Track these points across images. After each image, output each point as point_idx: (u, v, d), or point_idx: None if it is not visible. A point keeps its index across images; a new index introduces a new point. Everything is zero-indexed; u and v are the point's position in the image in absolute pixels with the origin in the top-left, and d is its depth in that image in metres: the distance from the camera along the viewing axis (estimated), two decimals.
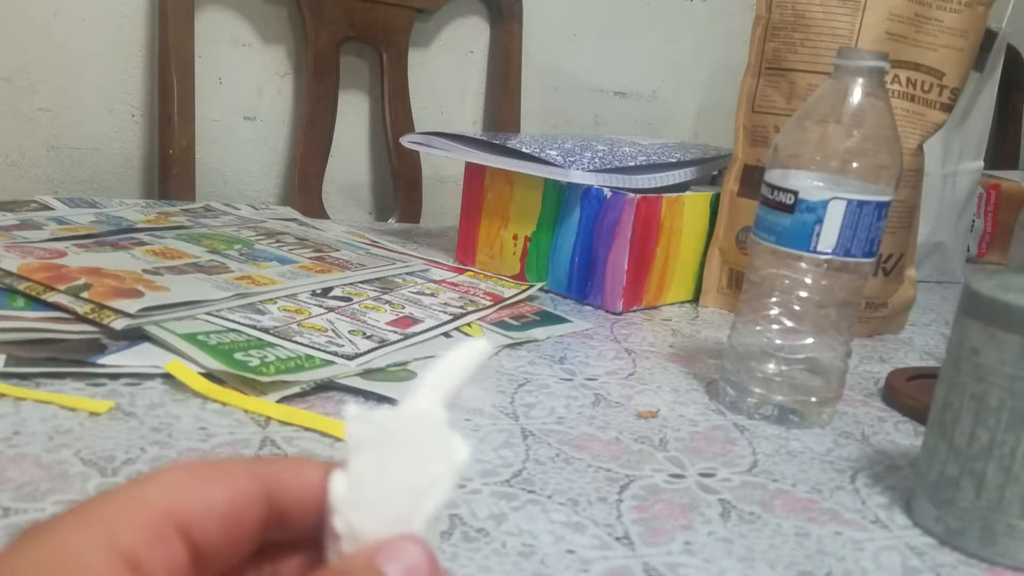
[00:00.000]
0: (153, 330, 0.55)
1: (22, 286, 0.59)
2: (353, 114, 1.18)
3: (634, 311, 0.78)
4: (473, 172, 0.86)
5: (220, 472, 0.23)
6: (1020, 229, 0.60)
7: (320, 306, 0.65)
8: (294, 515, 0.23)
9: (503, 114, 1.27)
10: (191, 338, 0.54)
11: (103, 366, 0.51)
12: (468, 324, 0.67)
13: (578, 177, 0.76)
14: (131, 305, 0.56)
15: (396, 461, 0.23)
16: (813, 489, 0.48)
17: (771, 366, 0.57)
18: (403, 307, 0.68)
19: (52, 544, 0.19)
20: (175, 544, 0.21)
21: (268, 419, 0.48)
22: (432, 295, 0.73)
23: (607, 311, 0.77)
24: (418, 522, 0.23)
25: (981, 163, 1.07)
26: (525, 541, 0.40)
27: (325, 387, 0.53)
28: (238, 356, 0.53)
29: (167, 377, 0.51)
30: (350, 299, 0.68)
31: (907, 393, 0.62)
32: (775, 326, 0.57)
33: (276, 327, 0.59)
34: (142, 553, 0.20)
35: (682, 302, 0.83)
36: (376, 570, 0.21)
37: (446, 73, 1.25)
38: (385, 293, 0.71)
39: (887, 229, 0.57)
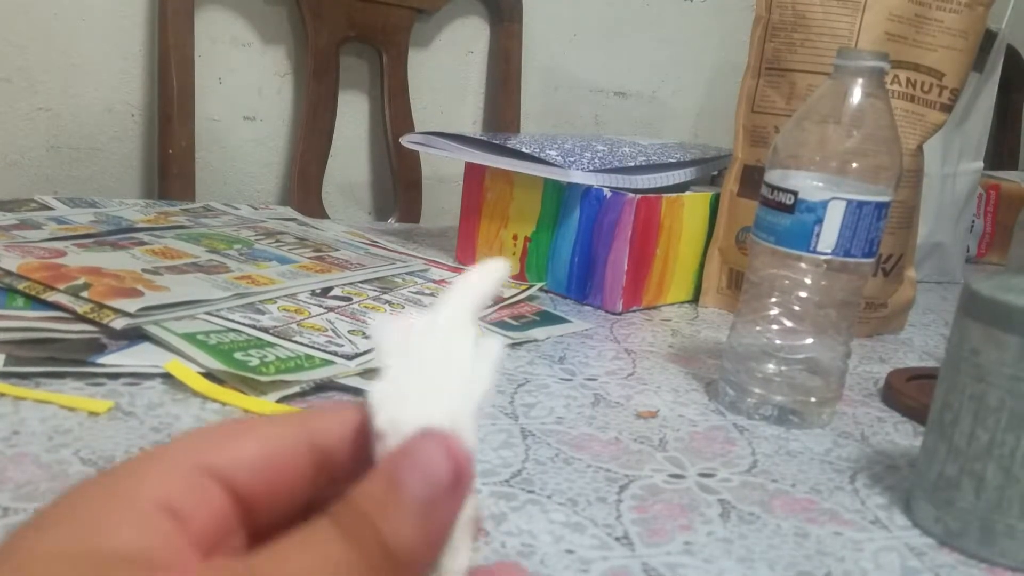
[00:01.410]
0: (153, 330, 0.55)
1: (22, 285, 0.59)
2: (353, 114, 1.18)
3: (634, 311, 0.78)
4: (473, 172, 0.86)
5: (248, 425, 0.22)
6: (1020, 229, 0.60)
7: (320, 306, 0.65)
8: (340, 458, 0.23)
9: (503, 114, 1.27)
10: (191, 338, 0.54)
11: (103, 366, 0.51)
12: None
13: (578, 177, 0.76)
14: (131, 304, 0.56)
15: (433, 361, 0.23)
16: (812, 489, 0.48)
17: (771, 366, 0.57)
18: (403, 307, 0.68)
19: (84, 505, 0.20)
20: (212, 489, 0.21)
21: None
22: (432, 295, 0.73)
23: (607, 311, 0.77)
24: (464, 419, 0.22)
25: (981, 163, 1.07)
26: (525, 541, 0.40)
27: (325, 387, 0.53)
28: (238, 356, 0.53)
29: (167, 377, 0.51)
30: (350, 299, 0.68)
31: (907, 393, 0.62)
32: (775, 326, 0.57)
33: (276, 327, 0.59)
34: (177, 499, 0.20)
35: (682, 302, 0.83)
36: (395, 483, 0.21)
37: (446, 73, 1.25)
38: (385, 293, 0.71)
39: (887, 229, 0.57)
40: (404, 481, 0.20)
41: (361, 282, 0.73)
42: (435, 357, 0.23)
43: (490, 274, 0.25)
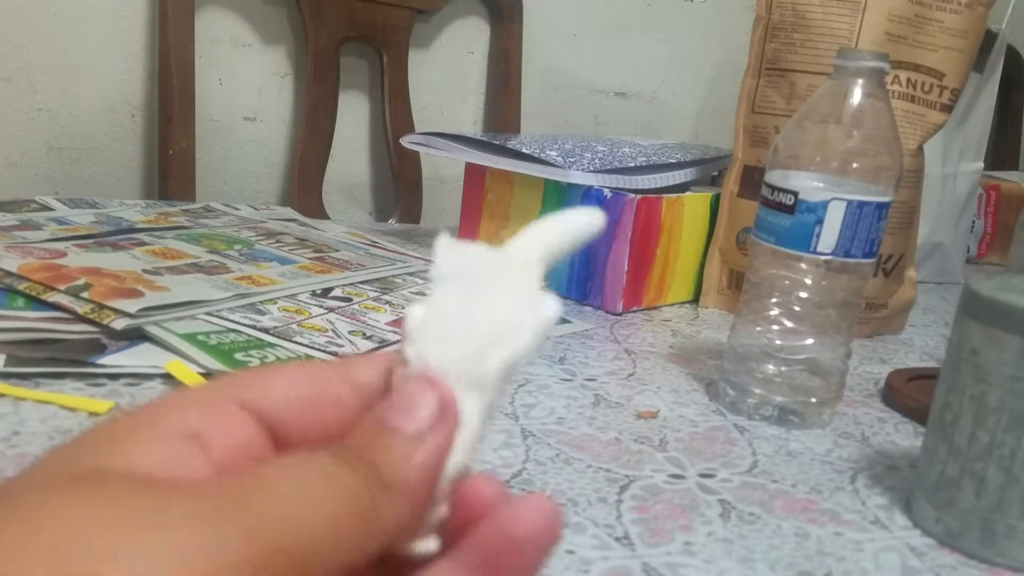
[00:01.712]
0: (153, 330, 0.55)
1: (22, 286, 0.59)
2: (353, 114, 1.18)
3: (634, 312, 0.78)
4: (473, 172, 0.86)
5: (287, 366, 0.23)
6: (1020, 230, 0.60)
7: (320, 306, 0.65)
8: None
9: (503, 114, 1.27)
10: (191, 338, 0.54)
11: (103, 366, 0.51)
12: None
13: (578, 178, 0.76)
14: (131, 305, 0.56)
15: (481, 297, 0.21)
16: (813, 490, 0.48)
17: (771, 367, 0.57)
18: (403, 307, 0.68)
19: (107, 432, 0.19)
20: (241, 419, 0.21)
21: None
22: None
23: (607, 311, 0.77)
24: (492, 365, 0.21)
25: (981, 164, 1.07)
26: None
27: None
28: (238, 356, 0.53)
29: (167, 377, 0.51)
30: (350, 299, 0.68)
31: (907, 394, 0.62)
32: (775, 327, 0.57)
33: (276, 327, 0.59)
34: (200, 425, 0.20)
35: (682, 303, 0.83)
36: (385, 426, 0.21)
37: (446, 73, 1.25)
38: (385, 293, 0.71)
39: (887, 230, 0.57)
40: (390, 420, 0.21)
41: (361, 283, 0.73)
42: (484, 293, 0.21)
43: (576, 220, 0.23)
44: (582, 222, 0.23)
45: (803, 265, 0.55)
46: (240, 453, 0.20)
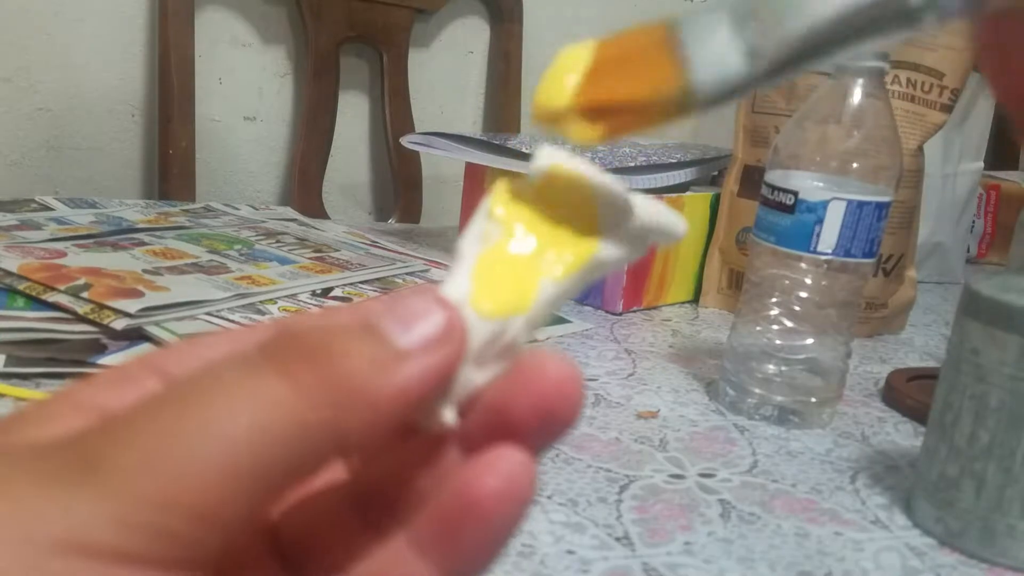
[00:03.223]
0: (153, 330, 0.55)
1: (22, 286, 0.59)
2: (353, 114, 1.18)
3: (634, 311, 0.78)
4: (473, 172, 0.86)
5: (206, 335, 0.21)
6: (1020, 230, 0.60)
7: (320, 306, 0.65)
8: None
9: (503, 114, 1.27)
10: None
11: (103, 366, 0.51)
12: None
13: None
14: (131, 305, 0.56)
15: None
16: (813, 489, 0.48)
17: (771, 366, 0.57)
18: None
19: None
20: (154, 386, 0.19)
21: None
22: None
23: (607, 311, 0.77)
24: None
25: (981, 164, 1.07)
26: (525, 541, 0.40)
27: None
28: None
29: None
30: (350, 299, 0.68)
31: (907, 393, 0.62)
32: (775, 326, 0.57)
33: None
34: (106, 399, 0.19)
35: (682, 302, 0.83)
36: (371, 328, 0.18)
37: (446, 73, 1.25)
38: (385, 293, 0.71)
39: (887, 230, 0.57)
40: (380, 323, 0.18)
41: (361, 282, 0.73)
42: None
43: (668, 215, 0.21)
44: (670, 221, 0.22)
45: (803, 265, 0.55)
46: None
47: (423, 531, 0.19)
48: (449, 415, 0.19)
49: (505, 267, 0.20)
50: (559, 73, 0.21)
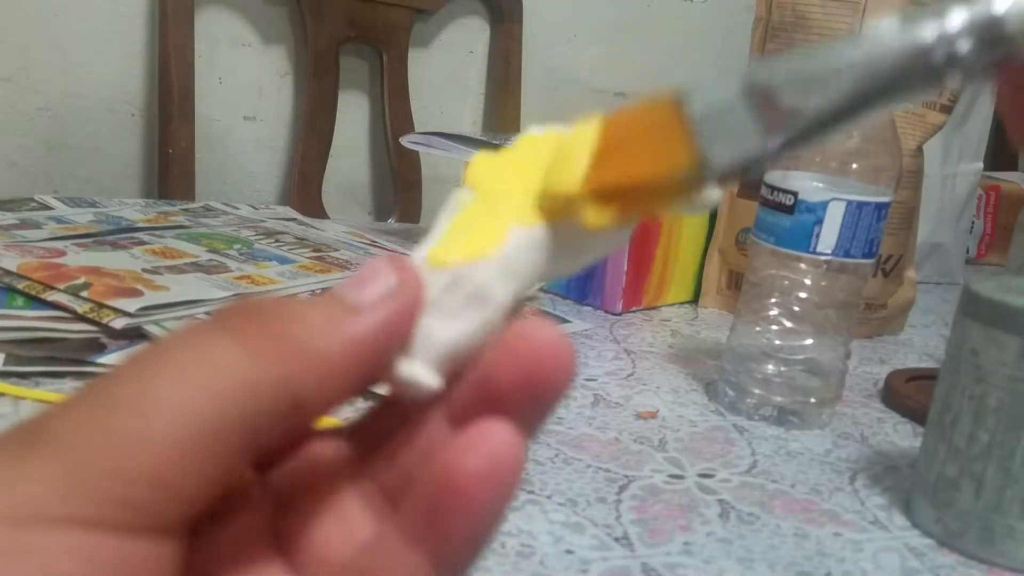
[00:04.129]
0: (152, 329, 0.55)
1: (21, 285, 0.59)
2: (353, 114, 1.18)
3: (633, 312, 0.78)
4: None
5: None
6: (1019, 230, 0.60)
7: None
8: None
9: (503, 114, 1.27)
10: None
11: (103, 365, 0.51)
12: None
13: None
14: (130, 304, 0.56)
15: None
16: (812, 490, 0.48)
17: (770, 367, 0.57)
18: None
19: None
20: None
21: None
22: None
23: (606, 312, 0.77)
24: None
25: (980, 164, 1.07)
26: (524, 541, 0.40)
27: None
28: None
29: None
30: None
31: (906, 394, 0.62)
32: (774, 327, 0.57)
33: None
34: None
35: (681, 303, 0.83)
36: (327, 294, 0.18)
37: (446, 73, 1.25)
38: None
39: (886, 230, 0.57)
40: (337, 290, 0.19)
41: None
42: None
43: None
44: None
45: (802, 265, 0.55)
46: None
47: (410, 516, 0.18)
48: (423, 374, 0.19)
49: (473, 221, 0.21)
50: (567, 156, 0.21)
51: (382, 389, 0.20)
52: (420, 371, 0.19)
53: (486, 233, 0.20)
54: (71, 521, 0.15)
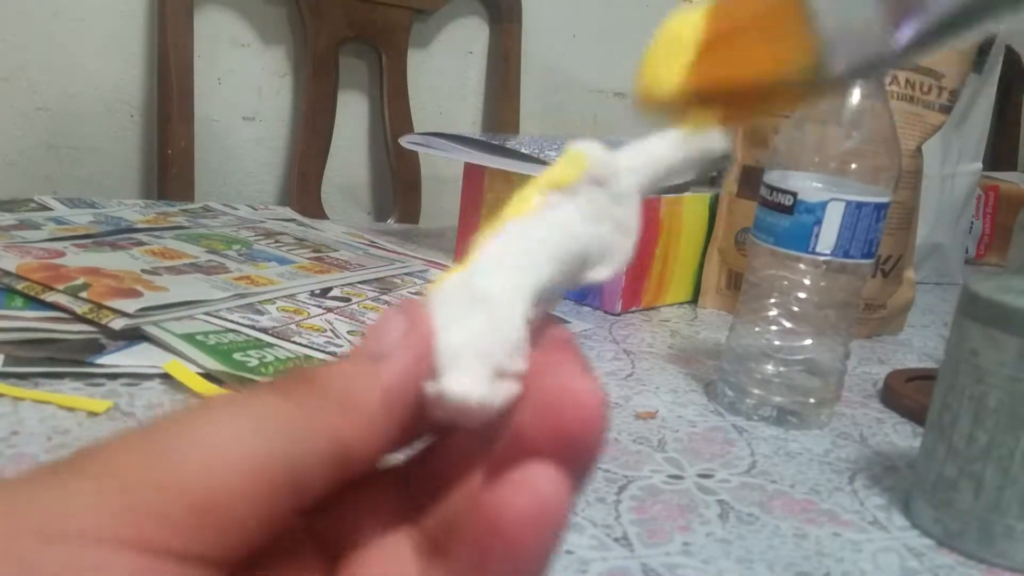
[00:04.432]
0: (152, 330, 0.54)
1: (20, 286, 0.59)
2: (352, 114, 1.18)
3: (633, 312, 0.78)
4: (472, 173, 0.86)
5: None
6: (1019, 230, 0.60)
7: (319, 306, 0.65)
8: None
9: (503, 114, 1.27)
10: (190, 338, 0.54)
11: (101, 366, 0.51)
12: None
13: None
14: (130, 305, 0.56)
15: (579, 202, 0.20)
16: (811, 490, 0.48)
17: (770, 367, 0.57)
18: None
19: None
20: None
21: None
22: None
23: (606, 312, 0.77)
24: (542, 273, 0.19)
25: (980, 164, 1.07)
26: None
27: None
28: (237, 356, 0.53)
29: (166, 377, 0.51)
30: (349, 299, 0.68)
31: (906, 394, 0.62)
32: (774, 327, 0.57)
33: (275, 327, 0.59)
34: None
35: (681, 303, 0.83)
36: (363, 353, 0.19)
37: (446, 73, 1.25)
38: (384, 293, 0.71)
39: (886, 230, 0.57)
40: (359, 347, 0.19)
41: (360, 283, 0.73)
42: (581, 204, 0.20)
43: (689, 142, 0.19)
44: (695, 145, 0.19)
45: (802, 265, 0.55)
46: None
47: (456, 563, 0.18)
48: (456, 383, 0.18)
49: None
50: (667, 48, 0.18)
51: (429, 435, 0.21)
52: (450, 382, 0.19)
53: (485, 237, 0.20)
54: (119, 541, 0.15)
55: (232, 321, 0.59)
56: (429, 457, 0.21)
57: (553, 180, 0.20)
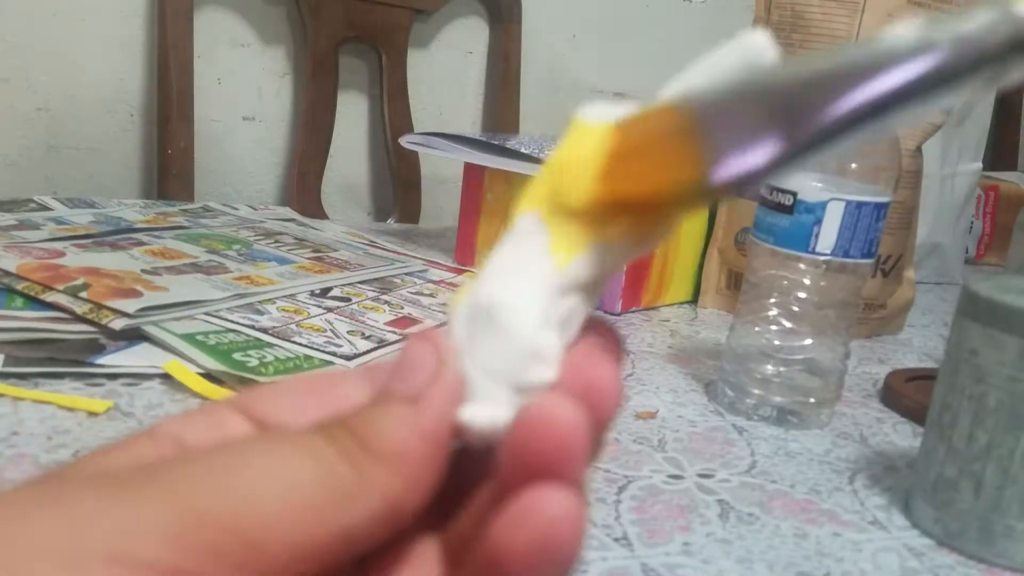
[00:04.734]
0: (152, 330, 0.54)
1: (21, 286, 0.59)
2: (352, 114, 1.18)
3: (633, 312, 0.78)
4: (472, 173, 0.86)
5: (291, 379, 0.22)
6: (1018, 230, 0.60)
7: (319, 306, 0.65)
8: None
9: (503, 114, 1.27)
10: (190, 338, 0.54)
11: (101, 366, 0.51)
12: None
13: None
14: (130, 305, 0.56)
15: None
16: (811, 490, 0.48)
17: (770, 367, 0.57)
18: (402, 307, 0.68)
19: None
20: (239, 424, 0.20)
21: None
22: (431, 295, 0.73)
23: (605, 312, 0.77)
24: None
25: (979, 164, 1.08)
26: None
27: None
28: (237, 356, 0.53)
29: (166, 377, 0.51)
30: (349, 299, 0.68)
31: (906, 394, 0.62)
32: (774, 327, 0.57)
33: (275, 327, 0.59)
34: (187, 432, 0.20)
35: (681, 303, 0.83)
36: (384, 393, 0.19)
37: (446, 73, 1.25)
38: (384, 293, 0.71)
39: (886, 230, 0.57)
40: (389, 386, 0.19)
41: (360, 283, 0.73)
42: None
43: (742, 51, 0.19)
44: (749, 52, 0.19)
45: (802, 265, 0.55)
46: None
47: None
48: (478, 413, 0.19)
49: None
50: (575, 161, 0.19)
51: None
52: (475, 415, 0.19)
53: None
54: (167, 568, 0.16)
55: (232, 321, 0.59)
56: (454, 459, 0.21)
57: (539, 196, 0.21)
